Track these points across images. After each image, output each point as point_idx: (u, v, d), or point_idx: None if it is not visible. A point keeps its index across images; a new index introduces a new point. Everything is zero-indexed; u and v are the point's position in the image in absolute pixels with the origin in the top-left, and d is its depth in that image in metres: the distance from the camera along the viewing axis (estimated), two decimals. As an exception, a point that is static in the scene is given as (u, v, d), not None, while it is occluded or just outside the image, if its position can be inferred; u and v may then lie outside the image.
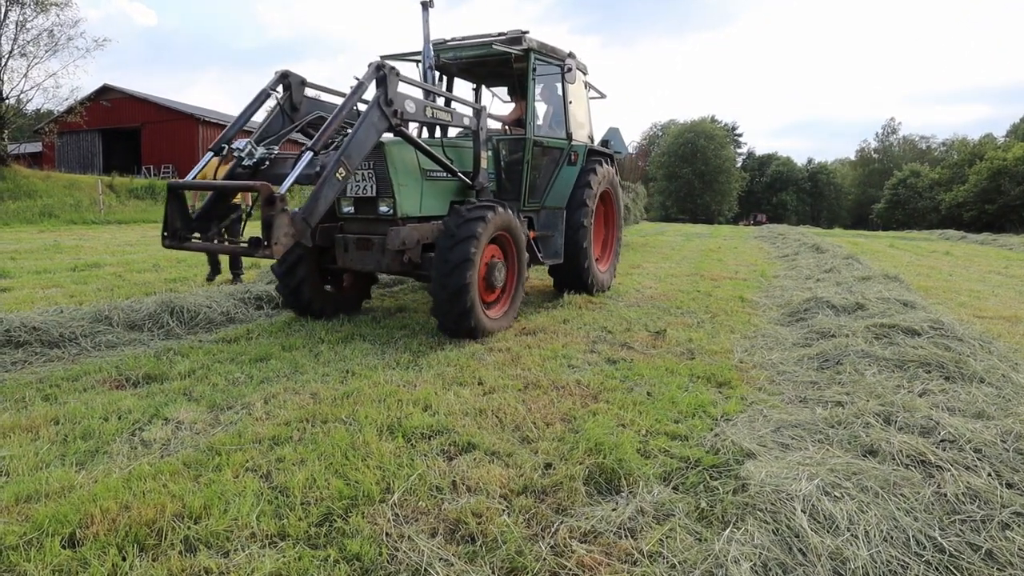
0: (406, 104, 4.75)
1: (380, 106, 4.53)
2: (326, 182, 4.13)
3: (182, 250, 4.29)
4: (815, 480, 2.57)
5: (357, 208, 5.49)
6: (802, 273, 10.36)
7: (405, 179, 5.26)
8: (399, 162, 5.20)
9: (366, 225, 5.53)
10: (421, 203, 5.47)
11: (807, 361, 4.68)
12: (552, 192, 7.07)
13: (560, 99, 7.14)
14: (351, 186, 5.30)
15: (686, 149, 65.11)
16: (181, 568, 2.04)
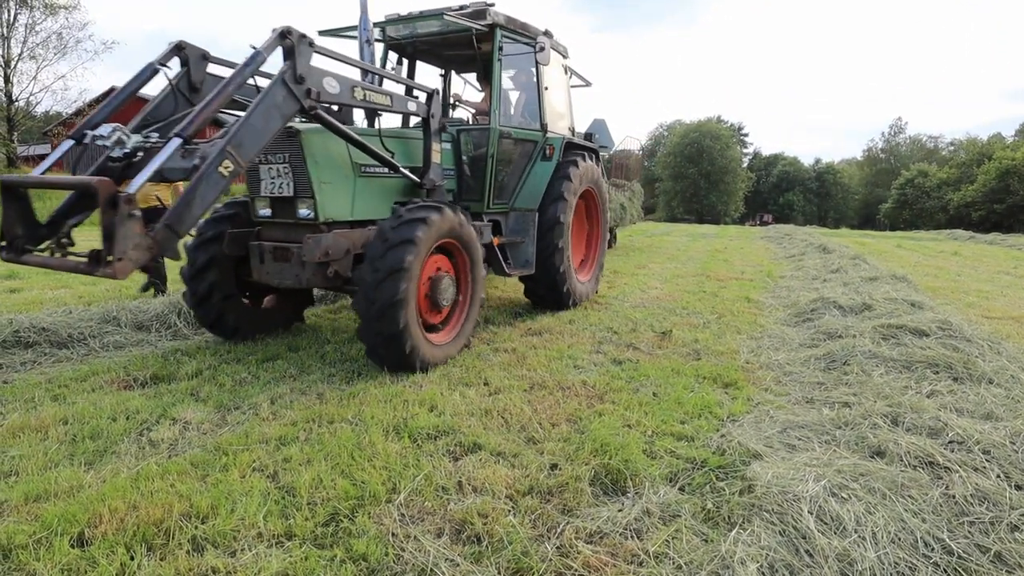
0: (325, 83, 3.89)
1: (286, 83, 3.65)
2: (203, 179, 3.22)
3: (21, 264, 3.35)
4: (822, 481, 2.56)
5: (275, 211, 4.55)
6: (809, 273, 10.31)
7: (330, 175, 4.40)
8: (320, 154, 4.33)
9: (285, 231, 4.56)
10: (353, 204, 4.60)
11: (814, 362, 4.66)
12: (523, 191, 6.24)
13: (534, 85, 6.28)
14: (266, 184, 4.45)
15: (692, 149, 64.89)
16: (188, 567, 2.05)
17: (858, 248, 15.42)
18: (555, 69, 6.64)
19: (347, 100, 4.14)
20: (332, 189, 4.42)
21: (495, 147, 5.66)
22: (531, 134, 6.19)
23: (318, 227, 4.39)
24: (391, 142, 4.85)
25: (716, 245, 18.71)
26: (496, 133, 5.66)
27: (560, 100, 6.86)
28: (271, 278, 4.59)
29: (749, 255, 15.16)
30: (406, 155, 5.03)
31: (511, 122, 6.21)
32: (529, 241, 6.19)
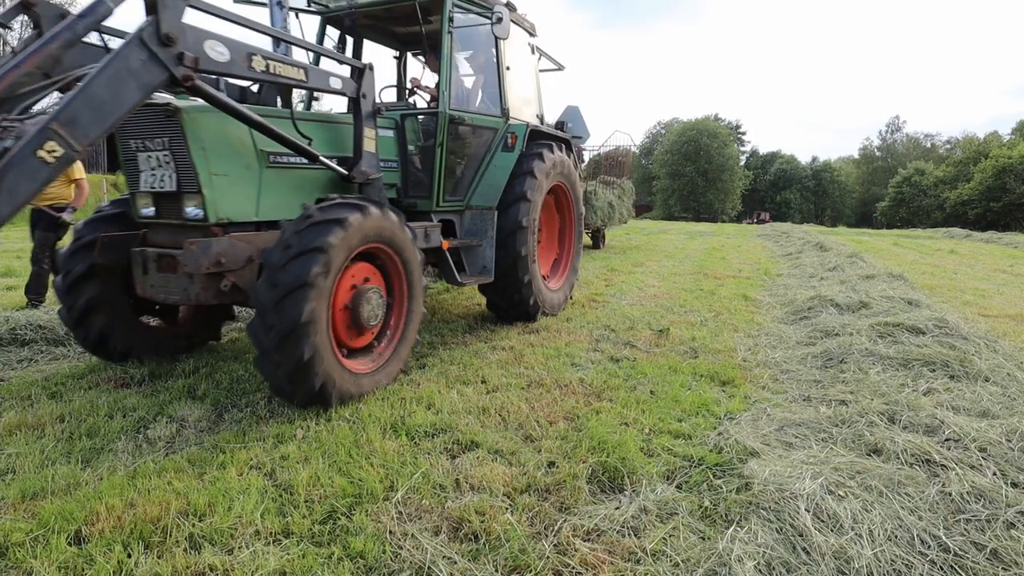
0: (207, 47, 3.06)
1: (146, 44, 2.79)
2: (12, 167, 2.43)
3: None
4: (819, 479, 2.57)
5: (159, 209, 3.74)
6: (806, 272, 10.34)
7: (224, 165, 3.59)
8: (210, 139, 3.51)
9: (172, 234, 3.76)
10: (258, 201, 3.80)
11: (811, 360, 4.67)
12: (481, 187, 5.47)
13: (494, 65, 5.56)
14: (146, 177, 3.64)
15: (689, 147, 64.98)
16: (186, 565, 2.05)
17: (855, 246, 15.46)
18: (519, 47, 5.95)
19: (241, 71, 3.29)
20: (228, 183, 3.61)
21: (445, 135, 4.92)
22: (489, 120, 5.44)
23: (209, 229, 3.57)
24: (310, 127, 4.09)
25: (713, 243, 18.73)
26: (445, 118, 4.90)
27: (526, 83, 6.11)
28: (156, 292, 3.74)
29: (746, 253, 15.17)
30: (333, 143, 4.30)
31: (467, 106, 5.50)
32: (487, 244, 5.40)
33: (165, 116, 3.45)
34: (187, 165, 3.48)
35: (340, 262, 3.41)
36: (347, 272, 3.59)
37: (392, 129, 4.91)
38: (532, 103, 6.26)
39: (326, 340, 3.33)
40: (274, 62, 3.48)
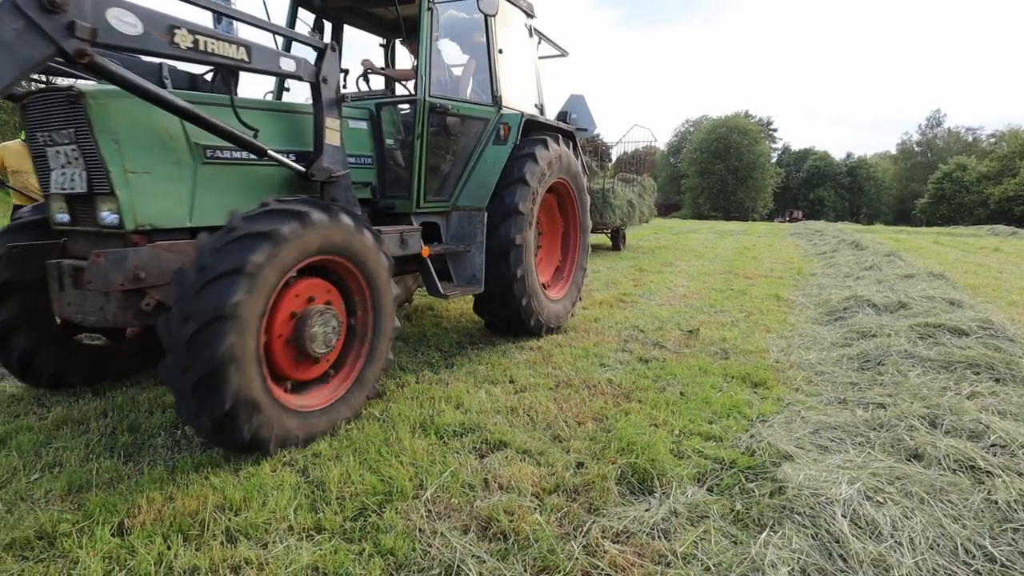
0: (110, 16, 2.53)
1: (21, 9, 2.30)
2: None
3: None
4: (856, 484, 2.51)
5: (74, 214, 3.18)
6: (841, 271, 10.09)
7: (144, 161, 3.00)
8: (123, 130, 2.92)
9: (93, 243, 3.16)
10: (192, 204, 3.20)
11: (847, 361, 4.55)
12: (470, 185, 4.87)
13: (483, 48, 4.96)
14: (56, 176, 3.10)
15: (719, 145, 63.97)
16: (223, 558, 2.10)
17: (893, 245, 15.03)
18: (514, 29, 5.35)
19: (159, 47, 2.72)
20: (150, 182, 3.01)
21: (424, 126, 4.31)
22: (478, 110, 4.85)
23: (128, 238, 2.99)
24: (258, 116, 3.46)
25: (744, 242, 18.42)
26: (425, 107, 4.29)
27: (522, 69, 5.50)
28: (72, 312, 3.18)
29: (778, 252, 14.88)
30: (290, 135, 3.71)
31: (454, 94, 4.88)
32: (477, 250, 4.74)
33: (69, 103, 2.87)
34: (97, 161, 2.89)
35: (272, 284, 2.77)
36: (289, 293, 2.96)
37: (365, 120, 4.32)
38: (530, 91, 5.63)
39: (256, 380, 2.72)
40: (205, 38, 2.86)
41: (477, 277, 4.74)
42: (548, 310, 5.30)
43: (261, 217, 2.86)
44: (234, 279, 2.61)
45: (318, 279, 3.17)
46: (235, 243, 2.71)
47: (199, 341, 2.54)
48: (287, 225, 2.83)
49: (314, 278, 3.15)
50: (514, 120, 5.02)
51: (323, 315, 3.10)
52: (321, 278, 3.19)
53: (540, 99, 5.83)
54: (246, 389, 2.66)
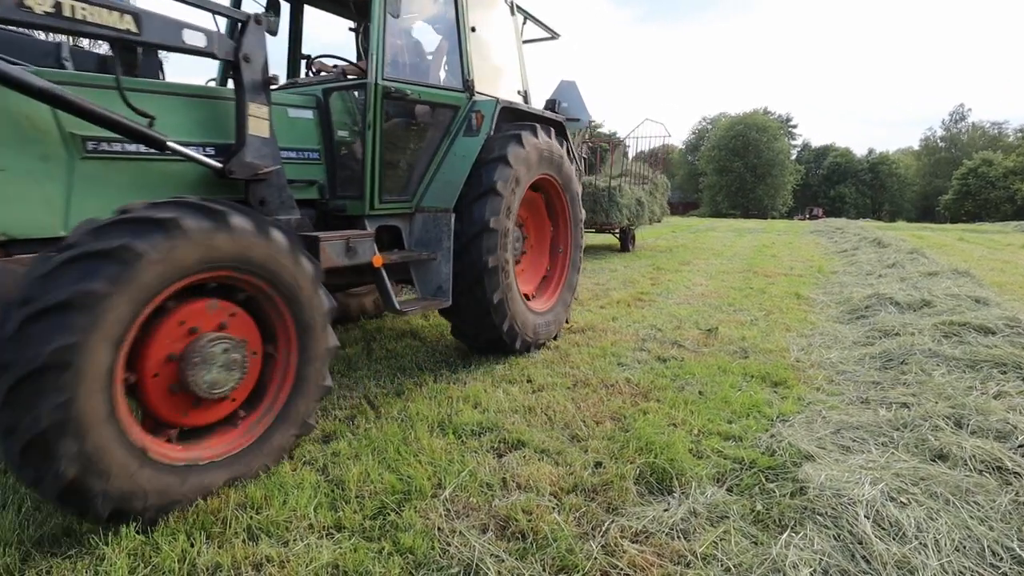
0: None
1: None
2: None
3: None
4: (879, 485, 2.47)
5: None
6: (862, 269, 9.93)
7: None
8: None
9: None
10: (68, 209, 2.65)
11: (869, 360, 4.48)
12: (436, 182, 4.22)
13: (453, 25, 4.39)
14: None
15: (737, 142, 63.28)
16: (244, 555, 2.13)
17: (916, 242, 14.75)
18: (492, 5, 4.86)
19: (5, 12, 2.28)
20: (4, 181, 2.47)
21: (377, 113, 3.70)
22: (445, 96, 4.25)
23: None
24: (157, 100, 2.90)
25: (763, 240, 18.21)
26: (376, 92, 3.67)
27: (501, 51, 4.94)
28: None
29: (798, 250, 14.69)
30: (209, 125, 3.13)
31: (420, 78, 4.31)
32: (443, 257, 4.09)
33: None
34: None
35: (125, 317, 2.14)
36: (168, 322, 2.36)
37: (312, 108, 3.75)
38: (511, 76, 5.06)
39: (111, 441, 2.13)
40: (73, 2, 2.41)
41: (444, 289, 4.09)
42: (535, 326, 4.71)
43: (110, 229, 2.18)
44: (63, 316, 1.99)
45: (210, 301, 2.50)
46: (68, 266, 2.06)
47: (18, 399, 1.97)
48: (144, 239, 2.17)
49: (202, 301, 2.48)
50: (487, 107, 4.34)
51: (214, 347, 2.45)
52: (224, 298, 2.57)
53: (524, 85, 5.22)
54: (94, 453, 2.07)
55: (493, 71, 4.80)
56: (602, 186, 11.97)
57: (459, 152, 4.28)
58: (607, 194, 11.96)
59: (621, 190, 12.28)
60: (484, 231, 4.10)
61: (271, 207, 3.20)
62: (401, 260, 4.01)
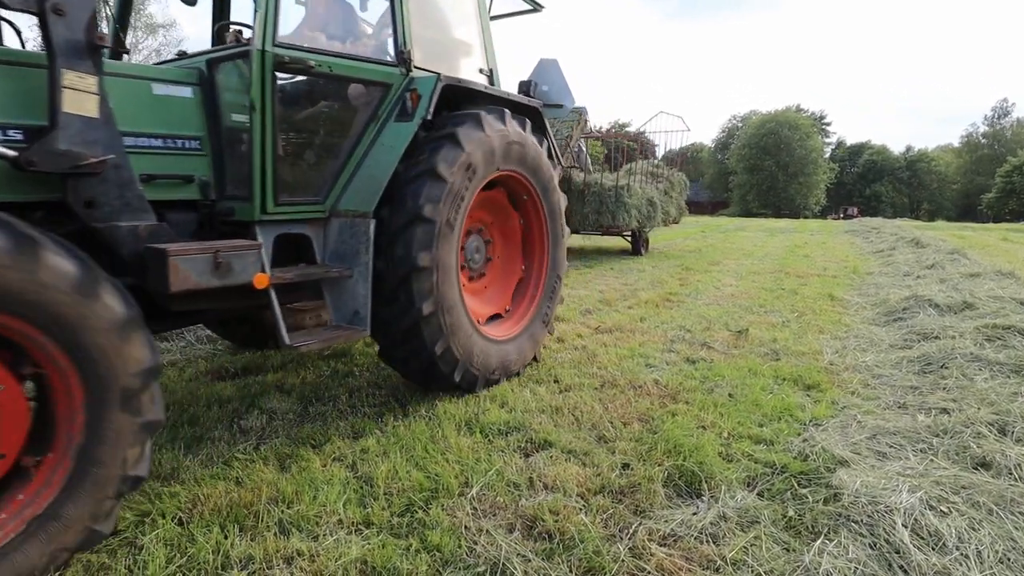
0: None
1: None
2: None
3: None
4: (918, 493, 2.40)
5: None
6: (900, 270, 9.66)
7: None
8: None
9: None
10: None
11: (907, 364, 4.36)
12: (359, 179, 3.41)
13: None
14: None
15: (768, 140, 62.05)
16: (276, 549, 2.17)
17: (957, 242, 14.28)
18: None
19: None
20: None
21: (266, 89, 2.91)
22: (370, 71, 3.44)
23: None
24: None
25: (795, 240, 17.85)
26: (264, 62, 2.87)
27: (457, 21, 4.22)
28: None
29: (832, 251, 14.35)
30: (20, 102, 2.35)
31: (341, 46, 3.61)
32: (360, 275, 3.25)
33: None
34: None
35: None
36: None
37: (191, 85, 2.99)
38: (471, 52, 4.24)
39: None
40: None
41: (361, 316, 3.23)
42: (487, 355, 3.74)
43: None
44: None
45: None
46: None
47: None
48: None
49: None
50: (425, 86, 3.44)
51: None
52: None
53: (489, 63, 4.32)
54: None
55: (448, 45, 4.09)
56: (609, 185, 11.12)
57: (387, 141, 3.43)
58: (614, 194, 11.02)
59: (630, 189, 11.29)
60: (416, 220, 3.27)
61: (105, 210, 2.43)
62: (299, 279, 3.11)
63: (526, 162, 4.00)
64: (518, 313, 4.29)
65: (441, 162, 3.34)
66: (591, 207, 11.00)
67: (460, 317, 3.54)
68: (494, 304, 4.27)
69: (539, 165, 4.13)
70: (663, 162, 14.18)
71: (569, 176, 11.04)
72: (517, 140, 3.88)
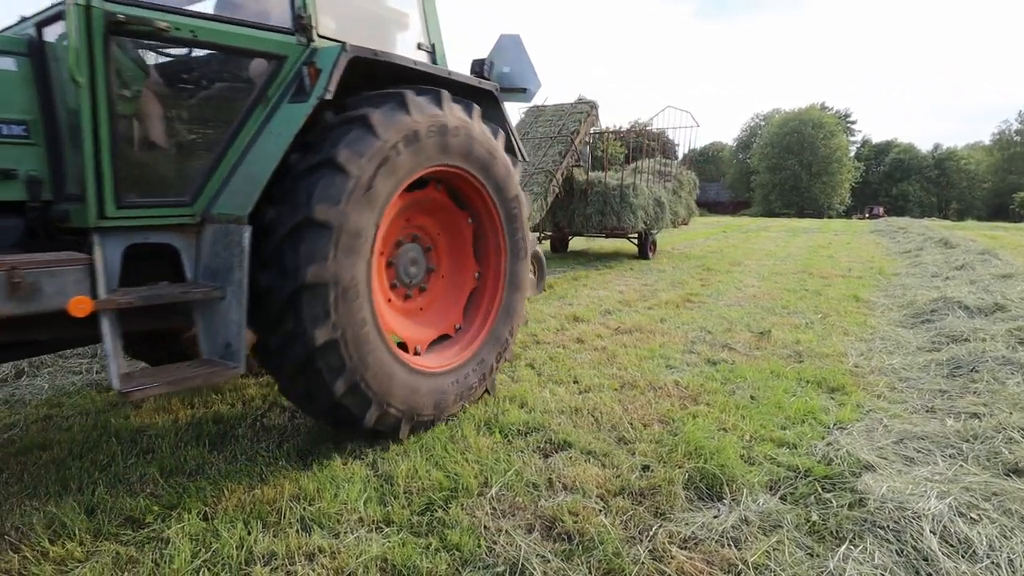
0: None
1: None
2: None
3: None
4: (947, 499, 2.34)
5: None
6: (927, 271, 9.45)
7: None
8: None
9: None
10: None
11: (935, 367, 4.26)
12: (240, 175, 2.71)
13: None
14: None
15: (791, 139, 61.14)
16: (298, 545, 2.20)
17: (988, 242, 13.93)
18: None
19: None
20: None
21: (96, 60, 2.27)
22: (252, 38, 2.73)
23: None
24: None
25: (819, 240, 17.56)
26: (93, 22, 2.24)
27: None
28: None
29: (857, 251, 14.09)
30: None
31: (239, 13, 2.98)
32: (234, 295, 2.54)
33: None
34: None
35: None
36: None
37: (16, 55, 2.42)
38: (406, 25, 3.67)
39: None
40: None
41: (233, 348, 2.53)
42: (413, 392, 2.99)
43: None
44: None
45: None
46: None
47: None
48: None
49: None
50: (326, 58, 2.76)
51: None
52: None
53: (430, 38, 3.68)
54: None
55: (374, 15, 3.56)
56: (613, 184, 10.66)
57: (276, 127, 2.71)
58: (619, 193, 10.50)
59: (636, 189, 10.74)
60: (305, 224, 2.54)
61: None
62: (144, 303, 2.37)
63: (472, 156, 3.25)
64: (469, 333, 3.55)
65: (345, 150, 2.62)
66: (594, 208, 10.65)
67: (374, 346, 2.78)
68: (439, 323, 3.53)
69: (491, 161, 3.38)
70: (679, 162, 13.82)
71: (571, 175, 10.78)
72: (460, 128, 3.14)
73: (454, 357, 3.39)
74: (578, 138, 10.58)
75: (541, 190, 9.67)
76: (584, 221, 10.80)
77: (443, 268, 3.61)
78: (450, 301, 3.62)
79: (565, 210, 11.01)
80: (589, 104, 11.12)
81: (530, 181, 9.73)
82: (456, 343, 3.52)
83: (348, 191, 2.62)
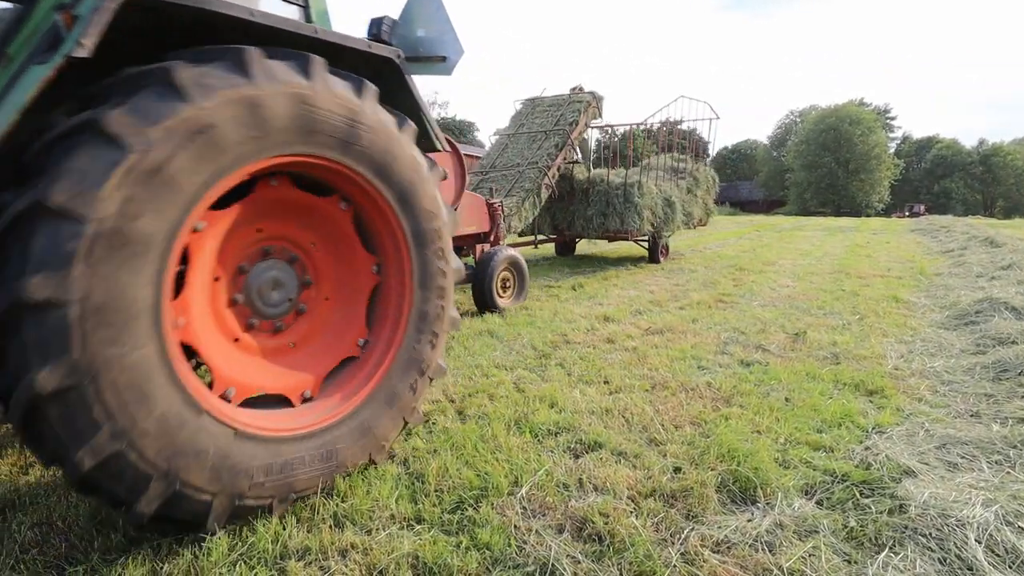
0: None
1: None
2: None
3: None
4: (993, 507, 2.26)
5: None
6: (972, 271, 9.11)
7: None
8: None
9: None
10: None
11: (980, 370, 4.11)
12: None
13: None
14: None
15: (828, 136, 59.62)
16: (331, 541, 2.24)
17: (1036, 241, 13.36)
18: None
19: None
20: None
21: None
22: None
23: None
24: None
25: (856, 239, 17.10)
26: None
27: None
28: None
29: (896, 250, 13.68)
30: None
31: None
32: None
33: None
34: None
35: None
36: None
37: None
38: None
39: None
40: None
41: None
42: (236, 465, 2.15)
43: None
44: None
45: None
46: None
47: None
48: None
49: None
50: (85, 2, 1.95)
51: None
52: None
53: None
54: None
55: None
56: (616, 183, 9.75)
57: (15, 98, 1.96)
58: (622, 193, 9.60)
59: (641, 188, 9.75)
60: (35, 212, 1.77)
61: None
62: None
63: (356, 149, 2.41)
64: (337, 395, 2.60)
65: (121, 114, 1.84)
66: (595, 209, 9.81)
67: (158, 396, 1.95)
68: (324, 358, 2.69)
69: (390, 157, 2.54)
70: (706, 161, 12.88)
71: (570, 173, 10.03)
72: (337, 109, 2.32)
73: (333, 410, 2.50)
74: (576, 131, 9.62)
75: (532, 186, 8.75)
76: (585, 224, 9.97)
77: (326, 287, 2.74)
78: (339, 328, 2.75)
79: (565, 211, 10.28)
80: (591, 94, 10.22)
81: (520, 177, 8.92)
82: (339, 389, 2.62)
83: (118, 169, 1.80)
